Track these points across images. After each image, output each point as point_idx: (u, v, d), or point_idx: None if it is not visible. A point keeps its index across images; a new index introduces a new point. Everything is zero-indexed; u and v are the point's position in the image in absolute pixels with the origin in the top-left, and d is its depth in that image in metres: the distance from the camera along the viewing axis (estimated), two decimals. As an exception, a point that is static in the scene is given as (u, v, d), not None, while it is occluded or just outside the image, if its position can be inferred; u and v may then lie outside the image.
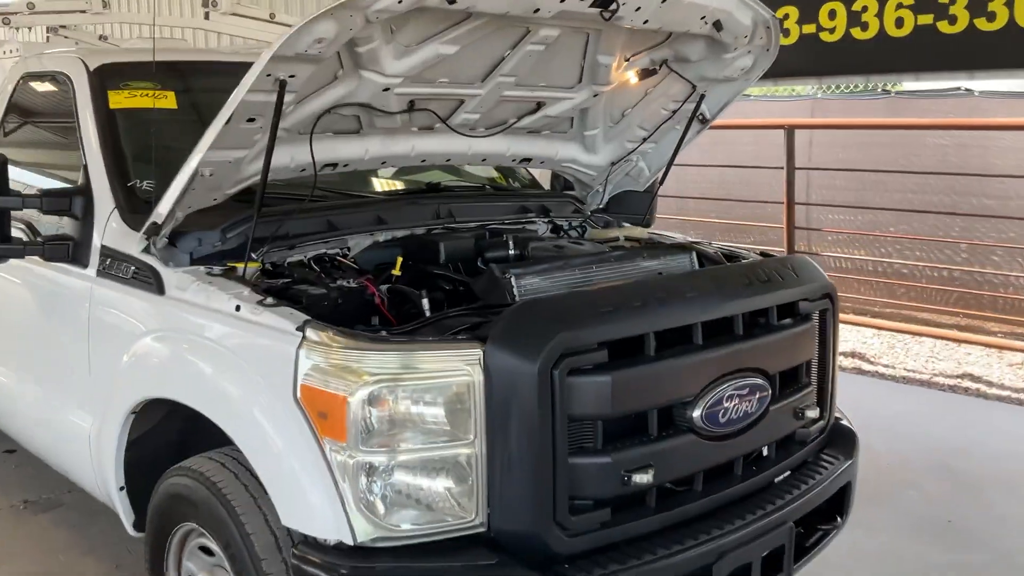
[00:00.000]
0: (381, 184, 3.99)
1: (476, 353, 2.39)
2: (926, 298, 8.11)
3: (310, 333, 2.43)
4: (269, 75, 2.59)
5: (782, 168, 7.80)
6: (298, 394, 2.41)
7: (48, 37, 5.79)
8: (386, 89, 3.07)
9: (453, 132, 3.52)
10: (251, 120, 2.73)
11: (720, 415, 2.73)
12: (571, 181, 4.37)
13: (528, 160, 4.00)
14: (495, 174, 4.58)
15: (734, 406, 2.76)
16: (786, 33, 6.53)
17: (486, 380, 2.38)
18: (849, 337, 7.68)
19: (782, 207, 7.90)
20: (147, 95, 3.49)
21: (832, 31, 6.53)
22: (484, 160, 3.86)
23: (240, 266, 2.91)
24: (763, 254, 3.74)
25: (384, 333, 2.47)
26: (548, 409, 2.38)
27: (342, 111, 3.14)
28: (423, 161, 3.65)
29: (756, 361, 2.86)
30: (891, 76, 7.06)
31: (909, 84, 8.17)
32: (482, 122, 3.62)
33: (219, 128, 2.64)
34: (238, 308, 2.65)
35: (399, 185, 4.10)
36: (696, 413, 2.67)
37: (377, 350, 2.35)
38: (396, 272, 3.13)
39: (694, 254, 3.39)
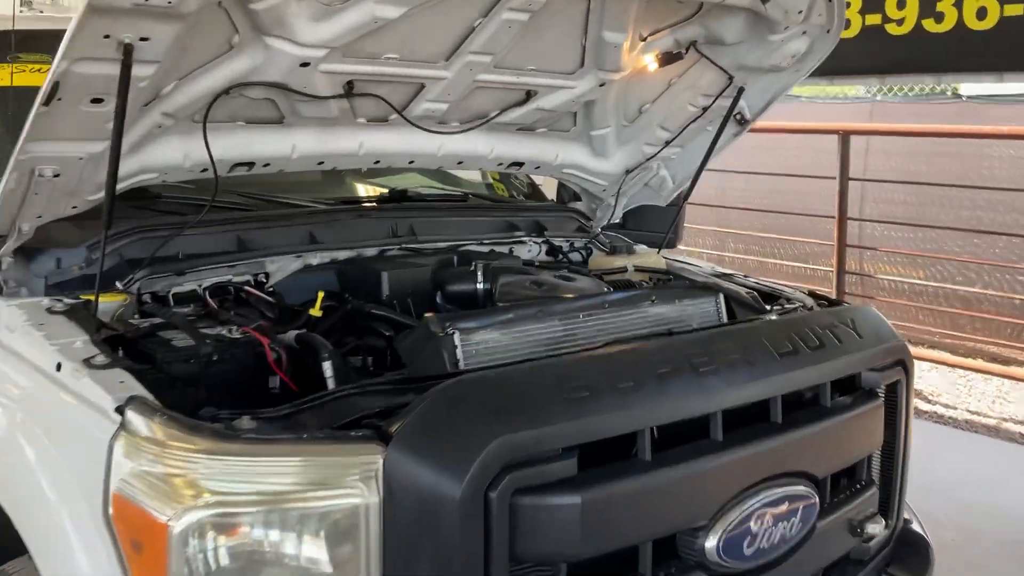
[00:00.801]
0: (329, 190, 3.19)
1: (373, 462, 1.58)
2: (994, 330, 7.13)
3: (131, 417, 1.64)
4: (107, 36, 1.80)
5: (833, 178, 6.89)
6: (109, 509, 1.62)
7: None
8: (305, 64, 2.27)
9: (415, 126, 2.71)
10: (97, 101, 1.94)
11: (745, 543, 1.91)
12: (577, 192, 3.55)
13: (519, 165, 3.19)
14: (493, 181, 3.77)
15: (766, 529, 1.94)
16: (845, 24, 5.61)
17: (385, 504, 1.57)
18: (905, 373, 6.75)
19: (832, 222, 6.99)
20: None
21: (900, 22, 5.61)
22: (460, 163, 3.05)
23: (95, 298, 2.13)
24: (812, 295, 2.88)
25: (242, 421, 1.65)
26: (479, 549, 1.57)
27: (249, 93, 2.34)
28: (376, 163, 2.85)
29: (799, 462, 2.03)
30: (968, 76, 6.09)
31: (984, 87, 7.21)
32: (453, 114, 2.81)
33: (36, 112, 1.86)
34: (59, 367, 1.87)
35: (355, 192, 3.29)
36: (710, 543, 1.85)
37: (217, 453, 1.55)
38: (315, 312, 2.33)
39: (721, 298, 2.55)
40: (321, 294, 2.36)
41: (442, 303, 2.61)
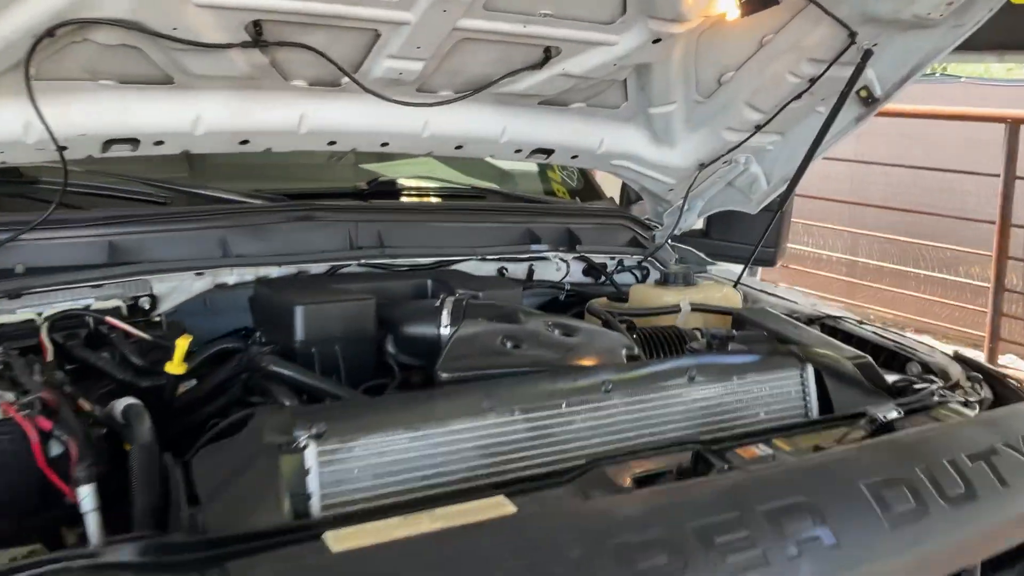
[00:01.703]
0: (271, 178, 2.39)
1: None
2: None
3: None
4: None
5: (996, 176, 5.70)
6: None
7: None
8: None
9: (372, 94, 1.89)
10: None
11: None
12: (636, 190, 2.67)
13: (546, 152, 2.32)
14: (552, 179, 2.92)
15: None
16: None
17: None
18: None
19: (992, 228, 5.79)
20: None
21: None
22: (459, 148, 2.20)
23: None
24: (959, 359, 1.92)
25: None
26: None
27: (96, 37, 1.57)
28: (331, 144, 2.04)
29: None
30: None
31: None
32: (439, 80, 1.98)
33: None
34: None
35: (314, 181, 2.49)
36: None
37: None
38: (174, 367, 1.56)
39: (810, 373, 1.64)
40: (185, 341, 1.58)
41: (394, 353, 1.79)
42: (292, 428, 1.15)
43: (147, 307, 1.81)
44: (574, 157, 2.37)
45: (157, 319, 1.83)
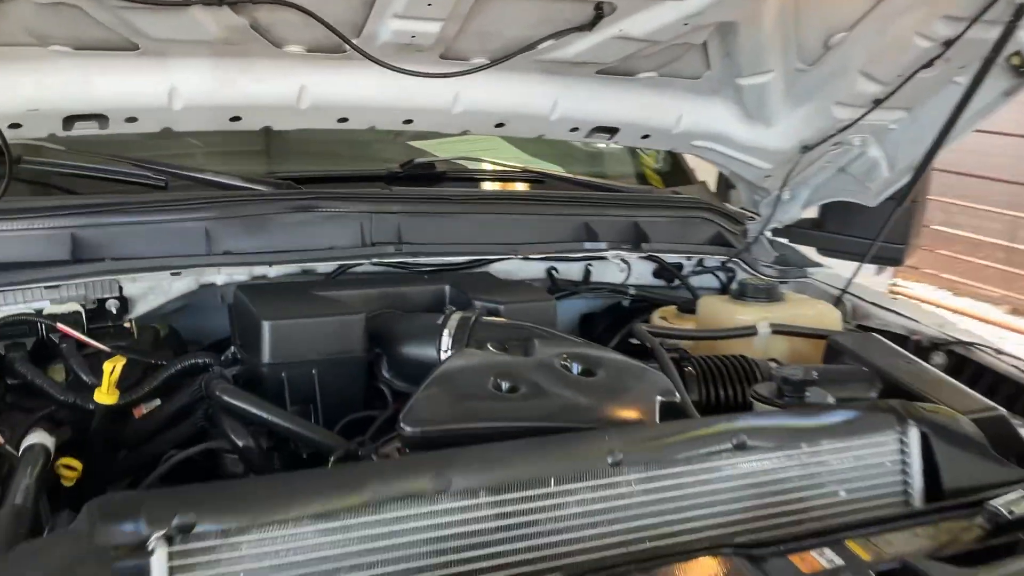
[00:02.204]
0: (278, 160, 2.09)
1: None
2: None
3: None
4: None
5: None
6: None
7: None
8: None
9: (376, 62, 1.56)
10: None
11: None
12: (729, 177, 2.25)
13: (609, 131, 1.94)
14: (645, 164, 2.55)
15: None
16: None
17: None
18: None
19: None
20: None
21: None
22: (500, 125, 1.85)
23: None
24: None
25: None
26: None
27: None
28: (342, 121, 1.72)
29: None
30: None
31: None
32: (468, 45, 1.63)
33: None
34: None
35: (333, 161, 2.17)
36: None
37: None
38: (103, 395, 1.30)
39: (914, 437, 1.23)
40: (115, 364, 1.31)
41: (389, 379, 1.48)
42: (139, 520, 0.85)
43: (115, 311, 1.56)
44: (645, 137, 1.98)
45: (128, 325, 1.58)
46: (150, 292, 1.60)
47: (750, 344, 1.61)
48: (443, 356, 1.39)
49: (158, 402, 1.49)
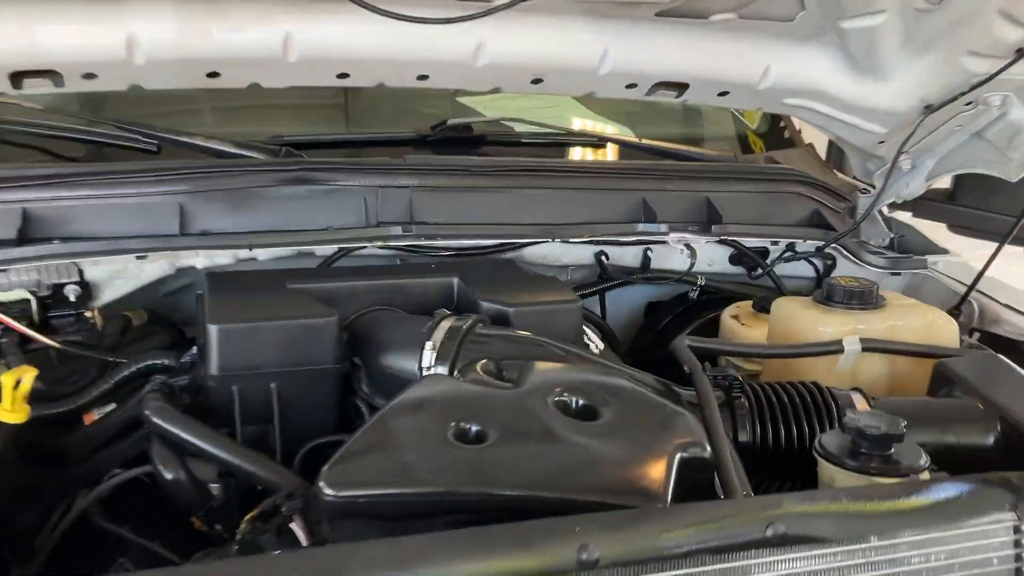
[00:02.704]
0: (280, 120, 1.82)
1: None
2: None
3: None
4: None
5: None
6: None
7: None
8: None
9: (385, 11, 1.27)
10: None
11: None
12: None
13: (677, 88, 1.59)
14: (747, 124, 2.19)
15: None
16: None
17: None
18: None
19: None
20: None
21: None
22: (537, 81, 1.53)
23: None
24: None
25: None
26: None
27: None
28: (342, 77, 1.45)
29: None
30: None
31: None
32: (486, -21, 1.31)
33: None
34: None
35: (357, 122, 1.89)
36: None
37: None
38: (6, 411, 1.08)
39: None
40: (21, 375, 1.08)
41: (368, 394, 1.21)
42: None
43: (74, 298, 1.35)
44: (723, 94, 1.62)
45: (89, 314, 1.37)
46: (116, 277, 1.39)
47: (834, 364, 1.26)
48: (426, 374, 1.11)
49: (113, 406, 1.28)
